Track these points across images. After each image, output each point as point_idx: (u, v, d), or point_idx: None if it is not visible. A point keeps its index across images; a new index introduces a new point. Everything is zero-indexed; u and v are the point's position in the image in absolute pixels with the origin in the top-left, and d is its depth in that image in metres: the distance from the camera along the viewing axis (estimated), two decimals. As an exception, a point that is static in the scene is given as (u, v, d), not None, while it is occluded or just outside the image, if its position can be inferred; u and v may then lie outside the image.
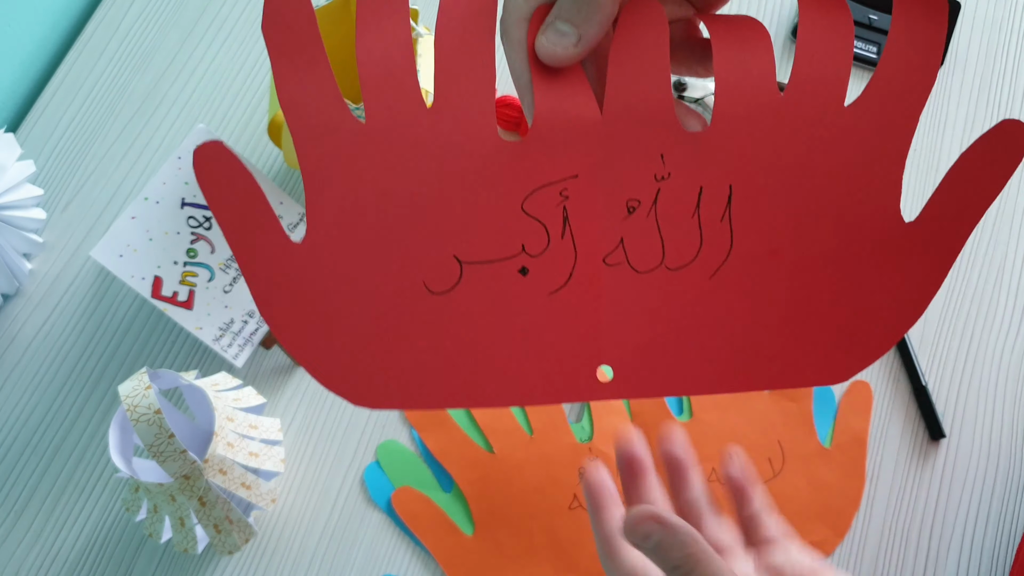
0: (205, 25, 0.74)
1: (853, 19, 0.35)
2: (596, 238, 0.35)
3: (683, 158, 0.35)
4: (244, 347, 0.60)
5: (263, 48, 0.74)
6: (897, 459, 0.60)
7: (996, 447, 0.61)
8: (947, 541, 0.58)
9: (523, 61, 0.34)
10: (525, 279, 0.35)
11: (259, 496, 0.53)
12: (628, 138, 0.35)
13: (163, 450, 0.47)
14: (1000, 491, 0.59)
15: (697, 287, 0.36)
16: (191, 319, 0.58)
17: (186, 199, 0.59)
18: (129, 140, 0.70)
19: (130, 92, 0.72)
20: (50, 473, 0.60)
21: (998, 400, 0.62)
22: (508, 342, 0.35)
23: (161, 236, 0.58)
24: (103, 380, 0.63)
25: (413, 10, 0.59)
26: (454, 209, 0.35)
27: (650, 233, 0.35)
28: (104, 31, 0.74)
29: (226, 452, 0.51)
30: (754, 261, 0.36)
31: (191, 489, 0.50)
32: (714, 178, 0.35)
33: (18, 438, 0.61)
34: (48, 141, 0.70)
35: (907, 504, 0.59)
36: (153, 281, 0.57)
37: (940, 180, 0.37)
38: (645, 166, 0.35)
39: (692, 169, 0.35)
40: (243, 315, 0.60)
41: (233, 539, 0.53)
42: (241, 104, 0.71)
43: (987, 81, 0.72)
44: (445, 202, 0.35)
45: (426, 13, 0.74)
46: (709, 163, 0.35)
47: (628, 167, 0.35)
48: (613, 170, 0.35)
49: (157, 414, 0.47)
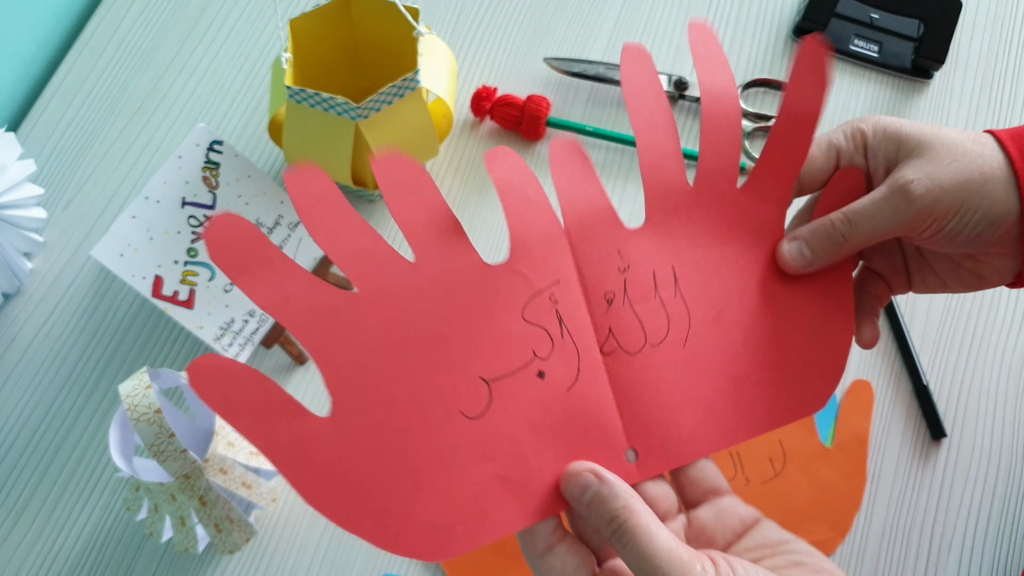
0: (205, 25, 0.74)
1: (742, 119, 0.44)
2: (589, 332, 0.40)
3: (634, 250, 0.42)
4: (245, 346, 0.60)
5: (263, 47, 0.74)
6: (898, 458, 0.60)
7: (998, 447, 0.60)
8: (948, 540, 0.58)
9: None
10: (544, 381, 0.39)
11: (259, 495, 0.53)
12: (590, 241, 0.41)
13: (164, 449, 0.47)
14: (1001, 490, 0.59)
15: (676, 356, 0.41)
16: (192, 318, 0.58)
17: (186, 198, 0.59)
18: (129, 139, 0.70)
19: (130, 91, 0.72)
20: (51, 472, 0.60)
21: (999, 400, 0.62)
22: (546, 448, 0.38)
23: (162, 235, 0.58)
24: (104, 379, 0.63)
25: (413, 9, 0.59)
26: (467, 336, 0.38)
27: (630, 318, 0.41)
28: (104, 31, 0.74)
29: (226, 451, 0.51)
30: (710, 325, 0.42)
31: (192, 488, 0.50)
32: (661, 262, 0.42)
33: (19, 437, 0.61)
34: (49, 140, 0.70)
35: (908, 503, 0.59)
36: (154, 280, 0.57)
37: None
38: (609, 262, 0.41)
39: (643, 258, 0.42)
40: (244, 314, 0.60)
41: (234, 538, 0.53)
42: (241, 103, 0.71)
43: (988, 80, 0.72)
44: (457, 333, 0.38)
45: (427, 12, 0.75)
46: (653, 250, 0.42)
47: (597, 266, 0.41)
48: (586, 270, 0.41)
49: (157, 413, 0.47)
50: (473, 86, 0.71)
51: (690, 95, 0.70)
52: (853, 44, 0.73)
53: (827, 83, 0.45)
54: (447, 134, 0.67)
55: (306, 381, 0.62)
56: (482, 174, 0.69)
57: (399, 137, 0.59)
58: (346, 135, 0.57)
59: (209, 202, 0.59)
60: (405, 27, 0.59)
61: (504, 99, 0.68)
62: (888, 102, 0.71)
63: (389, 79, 0.64)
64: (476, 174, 0.69)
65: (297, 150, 0.60)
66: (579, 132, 0.69)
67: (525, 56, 0.73)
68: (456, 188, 0.68)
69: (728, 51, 0.73)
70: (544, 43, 0.73)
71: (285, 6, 0.76)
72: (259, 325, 0.60)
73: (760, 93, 0.71)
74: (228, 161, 0.60)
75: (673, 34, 0.73)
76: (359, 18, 0.62)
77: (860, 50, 0.72)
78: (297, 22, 0.59)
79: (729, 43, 0.73)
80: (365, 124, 0.56)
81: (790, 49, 0.73)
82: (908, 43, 0.73)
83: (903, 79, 0.72)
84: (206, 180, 0.59)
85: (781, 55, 0.73)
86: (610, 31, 0.74)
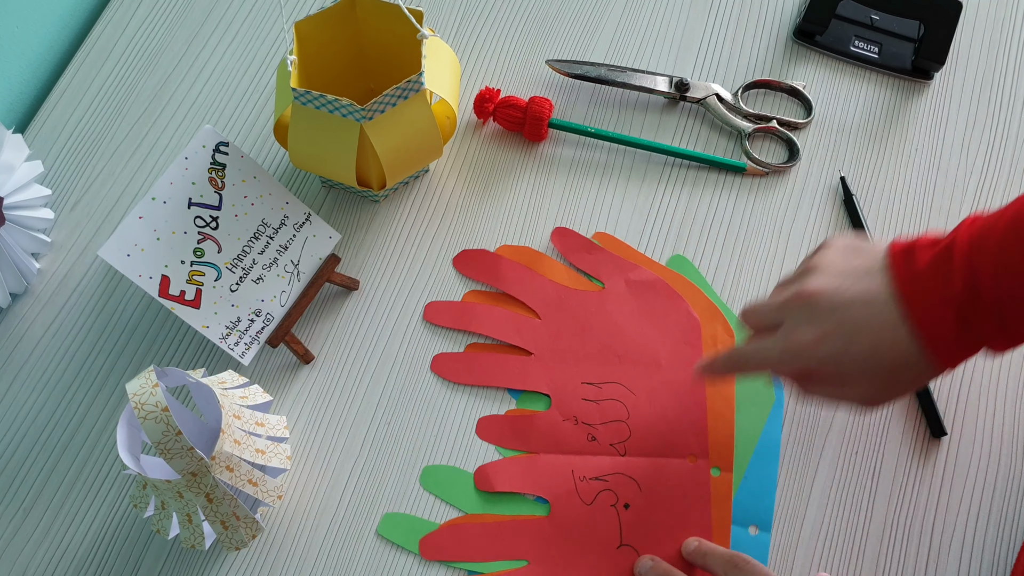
0: (212, 26, 0.75)
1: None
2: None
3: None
4: (251, 345, 0.61)
5: (269, 49, 0.74)
6: (898, 457, 0.60)
7: (997, 445, 0.61)
8: (948, 538, 0.59)
9: None
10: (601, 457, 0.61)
11: (266, 492, 0.53)
12: (563, 405, 0.62)
13: (171, 447, 0.48)
14: (1001, 489, 0.60)
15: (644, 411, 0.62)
16: (198, 317, 0.59)
17: (193, 199, 0.59)
18: (136, 140, 0.70)
19: (137, 93, 0.72)
20: (59, 470, 0.61)
21: (999, 398, 0.62)
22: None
23: (168, 235, 0.58)
24: (111, 378, 0.63)
25: (417, 11, 0.59)
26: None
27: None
28: (111, 33, 0.74)
29: (233, 449, 0.51)
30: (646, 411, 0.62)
31: (198, 486, 0.50)
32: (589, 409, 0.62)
33: (27, 435, 0.62)
34: (56, 142, 0.70)
35: (908, 501, 0.60)
36: (160, 280, 0.58)
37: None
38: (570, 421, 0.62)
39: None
40: (249, 313, 0.60)
41: (240, 535, 0.53)
42: (248, 104, 0.72)
43: (988, 80, 0.72)
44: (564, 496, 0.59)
45: (430, 15, 0.75)
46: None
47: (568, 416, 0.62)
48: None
49: (165, 412, 0.47)
50: (476, 88, 0.72)
51: (690, 96, 0.70)
52: (853, 45, 0.73)
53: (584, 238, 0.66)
54: (451, 135, 0.67)
55: (312, 378, 0.63)
56: (485, 175, 0.69)
57: (403, 139, 0.59)
58: (351, 136, 0.57)
59: (215, 203, 0.60)
60: (409, 29, 0.60)
61: (507, 100, 0.69)
62: (888, 104, 0.72)
63: (393, 81, 0.65)
64: (479, 176, 0.69)
65: (302, 151, 0.60)
66: (581, 133, 0.69)
67: (528, 58, 0.73)
68: (459, 189, 0.69)
69: (728, 52, 0.73)
70: (546, 45, 0.74)
71: (290, 9, 0.76)
72: (265, 324, 0.61)
73: (761, 94, 0.72)
74: (234, 162, 0.61)
75: (674, 35, 0.74)
76: (364, 20, 0.63)
77: (860, 51, 0.73)
78: (302, 24, 0.60)
79: (730, 44, 0.74)
80: (370, 126, 0.57)
81: (790, 50, 0.73)
82: (908, 44, 0.73)
83: (903, 80, 0.72)
84: (212, 181, 0.60)
85: (781, 56, 0.73)
86: (612, 33, 0.74)
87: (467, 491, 0.60)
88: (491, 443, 0.61)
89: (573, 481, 0.59)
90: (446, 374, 0.63)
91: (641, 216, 0.68)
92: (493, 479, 0.59)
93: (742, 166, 0.69)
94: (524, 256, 0.66)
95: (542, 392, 0.62)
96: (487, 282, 0.65)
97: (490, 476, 0.60)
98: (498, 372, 0.62)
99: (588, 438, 0.60)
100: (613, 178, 0.69)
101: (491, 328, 0.63)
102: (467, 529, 0.58)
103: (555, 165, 0.69)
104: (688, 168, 0.69)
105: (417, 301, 0.65)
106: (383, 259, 0.66)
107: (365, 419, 0.62)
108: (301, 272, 0.62)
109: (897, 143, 0.70)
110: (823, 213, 0.68)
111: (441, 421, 0.62)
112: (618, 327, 0.63)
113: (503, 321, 0.63)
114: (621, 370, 0.62)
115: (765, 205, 0.68)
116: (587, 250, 0.66)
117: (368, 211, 0.68)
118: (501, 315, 0.64)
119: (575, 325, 0.63)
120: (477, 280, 0.65)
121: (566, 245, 0.66)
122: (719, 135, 0.70)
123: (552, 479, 0.59)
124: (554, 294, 0.64)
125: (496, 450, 0.61)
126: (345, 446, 0.61)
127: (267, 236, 0.61)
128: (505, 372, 0.62)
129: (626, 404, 0.61)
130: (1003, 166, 0.69)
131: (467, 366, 0.63)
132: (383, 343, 0.64)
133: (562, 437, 0.60)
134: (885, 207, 0.68)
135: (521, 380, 0.62)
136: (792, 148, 0.70)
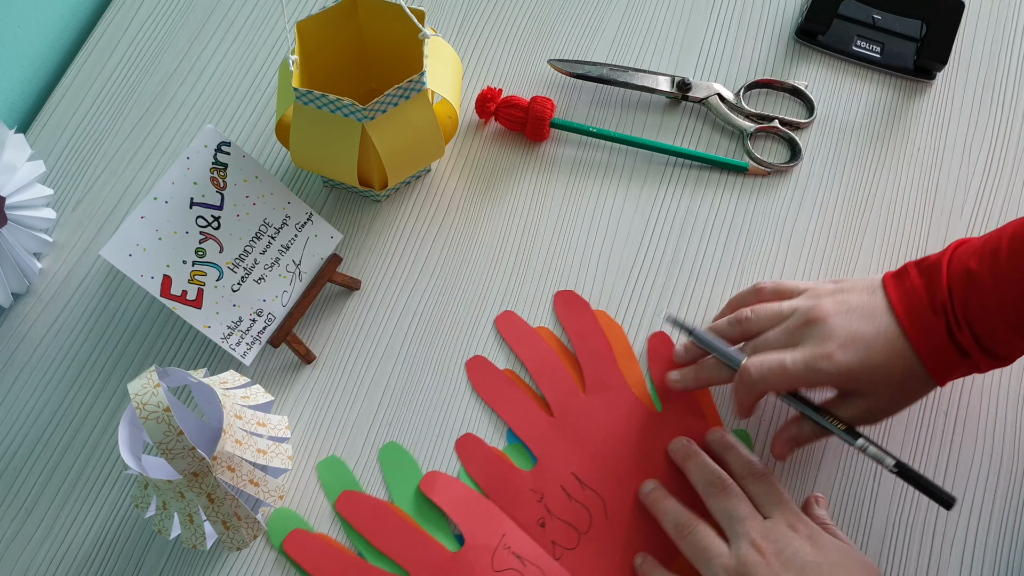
0: (213, 26, 0.75)
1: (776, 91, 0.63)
2: (541, 551, 0.57)
3: (540, 481, 0.60)
4: (252, 345, 0.61)
5: (271, 49, 0.74)
6: (900, 455, 0.60)
7: (999, 447, 0.61)
8: (950, 540, 0.59)
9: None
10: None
11: (267, 493, 0.53)
12: (510, 499, 0.59)
13: (172, 447, 0.48)
14: (1003, 490, 0.60)
15: (605, 529, 0.58)
16: (200, 318, 0.59)
17: (195, 199, 0.59)
18: (138, 140, 0.71)
19: (139, 93, 0.72)
20: (60, 470, 0.61)
21: (1002, 400, 0.62)
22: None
23: (170, 235, 0.58)
24: (113, 378, 0.63)
25: (419, 11, 0.59)
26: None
27: (561, 526, 0.58)
28: (113, 33, 0.74)
29: (234, 449, 0.51)
30: (617, 489, 0.59)
31: (200, 486, 0.50)
32: (563, 474, 0.59)
33: (28, 435, 0.62)
34: (58, 141, 0.70)
35: (910, 503, 0.59)
36: (162, 280, 0.58)
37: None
38: (529, 500, 0.59)
39: (549, 483, 0.59)
40: (251, 314, 0.60)
41: (241, 535, 0.53)
42: (249, 105, 0.72)
43: (990, 81, 0.72)
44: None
45: (432, 15, 0.75)
46: (556, 467, 0.60)
47: (522, 508, 0.59)
48: (518, 516, 0.59)
49: (166, 412, 0.47)
50: (478, 87, 0.72)
51: (692, 96, 0.70)
52: (855, 45, 0.73)
53: (590, 312, 0.64)
54: (452, 135, 0.67)
55: (314, 379, 0.63)
56: (487, 176, 0.69)
57: (405, 138, 0.59)
58: (352, 136, 0.57)
59: (217, 203, 0.60)
60: (411, 29, 0.60)
61: (509, 100, 0.69)
62: (890, 103, 0.71)
63: (395, 81, 0.65)
64: (481, 175, 0.69)
65: (304, 151, 0.60)
66: (583, 133, 0.69)
67: (529, 58, 0.73)
68: (461, 189, 0.69)
69: (730, 52, 0.73)
70: (548, 45, 0.74)
71: (292, 8, 0.76)
72: (266, 324, 0.61)
73: (763, 94, 0.72)
74: (236, 162, 0.61)
75: (676, 35, 0.74)
76: (365, 20, 0.63)
77: (862, 51, 0.73)
78: (304, 24, 0.60)
79: (732, 44, 0.74)
80: (371, 125, 0.57)
81: (792, 50, 0.73)
82: (910, 44, 0.73)
83: (905, 80, 0.72)
84: (214, 181, 0.60)
85: (783, 56, 0.73)
86: (614, 32, 0.74)
87: (409, 484, 0.59)
88: (460, 460, 0.60)
89: (497, 542, 0.57)
90: (473, 377, 0.62)
91: (643, 216, 0.67)
92: (436, 489, 0.58)
93: (744, 166, 0.69)
94: (617, 339, 0.63)
95: (534, 453, 0.60)
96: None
97: (436, 485, 0.59)
98: (512, 409, 0.61)
99: (539, 522, 0.58)
100: (615, 178, 0.69)
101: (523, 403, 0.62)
102: (387, 512, 0.58)
103: (557, 165, 0.69)
104: (690, 168, 0.69)
105: (419, 301, 0.65)
106: (385, 259, 0.66)
107: (366, 419, 0.62)
108: (303, 272, 0.62)
109: (899, 143, 0.70)
110: (825, 213, 0.68)
111: (442, 422, 0.62)
112: (644, 454, 0.60)
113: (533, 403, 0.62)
114: (612, 491, 0.59)
115: (767, 205, 0.68)
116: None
117: (370, 211, 0.68)
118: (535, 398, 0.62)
119: (609, 422, 0.60)
120: (518, 350, 0.63)
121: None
122: (721, 135, 0.70)
123: (482, 527, 0.57)
124: (615, 382, 0.62)
125: (461, 469, 0.60)
126: (346, 446, 0.61)
127: (269, 236, 0.61)
128: (518, 413, 0.61)
129: (593, 519, 0.58)
130: (1005, 166, 0.69)
131: (494, 384, 0.62)
132: (385, 343, 0.64)
133: (520, 502, 0.58)
134: (887, 207, 0.68)
135: (525, 431, 0.61)
136: (794, 148, 0.70)
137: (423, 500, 0.59)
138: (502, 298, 0.65)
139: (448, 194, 0.69)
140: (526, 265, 0.66)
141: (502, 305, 0.65)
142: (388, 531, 0.57)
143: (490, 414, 0.61)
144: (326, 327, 0.64)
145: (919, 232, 0.67)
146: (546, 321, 0.64)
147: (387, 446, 0.61)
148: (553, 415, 0.61)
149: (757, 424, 0.61)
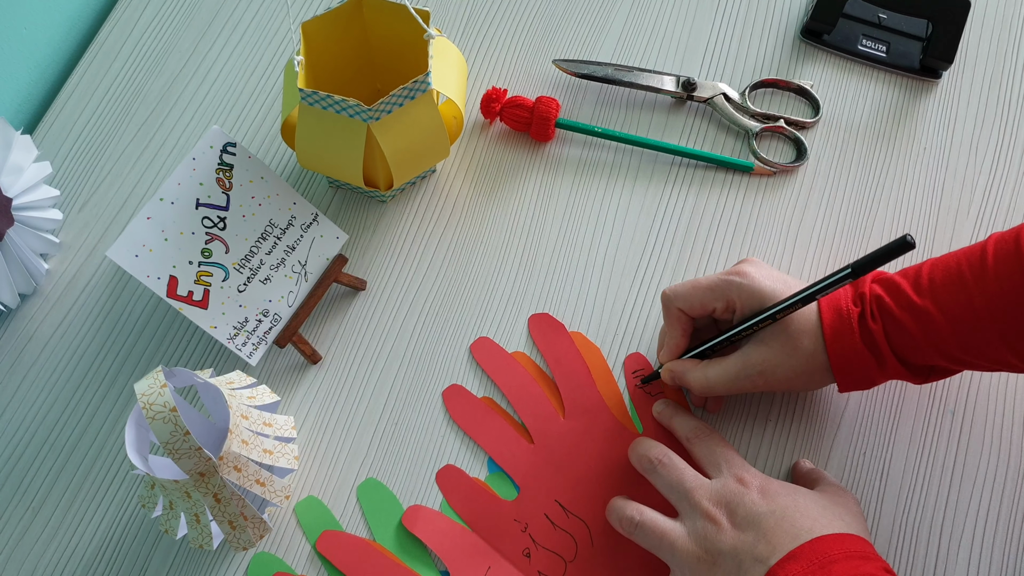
0: (218, 27, 0.75)
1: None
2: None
3: (524, 510, 0.59)
4: (258, 345, 0.61)
5: (276, 49, 0.74)
6: (906, 458, 0.60)
7: (1007, 447, 0.60)
8: (957, 540, 0.58)
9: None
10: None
11: (273, 493, 0.53)
12: (493, 530, 0.58)
13: (179, 447, 0.48)
14: (1011, 491, 0.59)
15: (591, 555, 0.57)
16: (206, 318, 0.59)
17: (201, 200, 0.59)
18: (144, 141, 0.71)
19: (145, 94, 0.72)
20: (67, 470, 0.61)
21: (1009, 400, 0.62)
22: None
23: (176, 236, 0.59)
24: (119, 378, 0.63)
25: (424, 11, 0.59)
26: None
27: (547, 555, 0.57)
28: (118, 34, 0.75)
29: (240, 449, 0.52)
30: (602, 513, 0.58)
31: (206, 486, 0.50)
32: (546, 503, 0.58)
33: (36, 436, 0.62)
34: (64, 143, 0.71)
35: (916, 503, 0.59)
36: (168, 281, 0.58)
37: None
38: (513, 530, 0.58)
39: (533, 512, 0.58)
40: (257, 314, 0.60)
41: (248, 535, 0.53)
42: (255, 105, 0.72)
43: (996, 79, 0.72)
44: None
45: (437, 15, 0.75)
46: (539, 497, 0.59)
47: (506, 539, 0.58)
48: (502, 547, 0.58)
49: (173, 412, 0.47)
50: (483, 88, 0.72)
51: (697, 96, 0.70)
52: (861, 44, 0.73)
53: (567, 334, 0.63)
54: (457, 136, 0.67)
55: (320, 379, 0.63)
56: (492, 176, 0.69)
57: (410, 139, 0.59)
58: (358, 137, 0.58)
59: (223, 203, 0.60)
60: (416, 30, 0.60)
61: (514, 100, 0.69)
62: (896, 103, 0.71)
63: (400, 81, 0.65)
64: (486, 176, 0.69)
65: (309, 152, 0.61)
66: (588, 133, 0.69)
67: (534, 58, 0.73)
68: (466, 189, 0.69)
69: (736, 52, 0.73)
70: (553, 45, 0.74)
71: (297, 9, 0.76)
72: (272, 324, 0.61)
73: (768, 94, 0.72)
74: (241, 163, 0.61)
75: (681, 35, 0.74)
76: (370, 21, 0.63)
77: (868, 50, 0.72)
78: (309, 25, 0.60)
79: (737, 44, 0.74)
80: (376, 126, 0.57)
81: (798, 50, 0.73)
82: (916, 43, 0.73)
83: (911, 79, 0.72)
84: (220, 182, 0.60)
85: (789, 56, 0.73)
86: (619, 32, 0.74)
87: (390, 520, 0.58)
88: (442, 492, 0.59)
89: (482, 575, 0.56)
90: (451, 406, 0.62)
91: (648, 216, 0.67)
92: (419, 523, 0.58)
93: (749, 166, 0.69)
94: (594, 361, 0.63)
95: (516, 482, 0.59)
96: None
97: (418, 520, 0.58)
98: (492, 437, 0.60)
99: (524, 552, 0.57)
100: (620, 178, 0.69)
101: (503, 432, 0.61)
102: (369, 550, 0.57)
103: (562, 165, 0.69)
104: (695, 168, 0.69)
105: (424, 301, 0.65)
106: (390, 259, 0.67)
107: (372, 419, 0.62)
108: (308, 272, 0.62)
109: (905, 142, 0.70)
110: (831, 213, 0.68)
111: (448, 422, 0.62)
112: (626, 477, 0.59)
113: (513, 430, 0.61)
114: (597, 516, 0.58)
115: (773, 205, 0.68)
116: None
117: (375, 211, 0.68)
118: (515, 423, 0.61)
119: (590, 446, 0.60)
120: (496, 380, 0.62)
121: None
122: (726, 135, 0.70)
123: (466, 561, 0.56)
124: (593, 404, 0.61)
125: (442, 501, 0.59)
126: (352, 446, 0.61)
127: (274, 236, 0.61)
128: (498, 442, 0.60)
129: (578, 546, 0.57)
130: (1012, 165, 0.69)
131: (471, 412, 0.61)
132: (390, 343, 0.64)
133: (503, 534, 0.57)
134: (893, 207, 0.68)
135: (506, 459, 0.60)
136: (800, 147, 0.70)
137: (406, 535, 0.58)
138: (508, 298, 0.65)
139: (453, 194, 0.69)
140: (531, 265, 0.66)
141: (508, 305, 0.65)
142: (372, 569, 0.56)
143: (470, 442, 0.61)
144: (332, 327, 0.64)
145: (926, 232, 0.67)
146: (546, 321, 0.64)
147: (365, 483, 0.60)
148: (533, 442, 0.60)
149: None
